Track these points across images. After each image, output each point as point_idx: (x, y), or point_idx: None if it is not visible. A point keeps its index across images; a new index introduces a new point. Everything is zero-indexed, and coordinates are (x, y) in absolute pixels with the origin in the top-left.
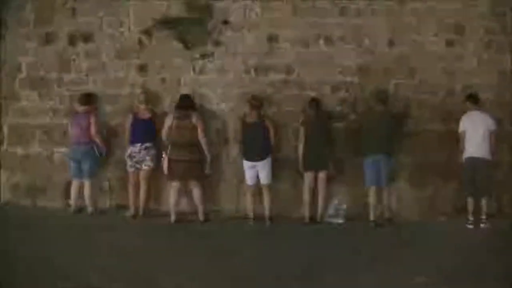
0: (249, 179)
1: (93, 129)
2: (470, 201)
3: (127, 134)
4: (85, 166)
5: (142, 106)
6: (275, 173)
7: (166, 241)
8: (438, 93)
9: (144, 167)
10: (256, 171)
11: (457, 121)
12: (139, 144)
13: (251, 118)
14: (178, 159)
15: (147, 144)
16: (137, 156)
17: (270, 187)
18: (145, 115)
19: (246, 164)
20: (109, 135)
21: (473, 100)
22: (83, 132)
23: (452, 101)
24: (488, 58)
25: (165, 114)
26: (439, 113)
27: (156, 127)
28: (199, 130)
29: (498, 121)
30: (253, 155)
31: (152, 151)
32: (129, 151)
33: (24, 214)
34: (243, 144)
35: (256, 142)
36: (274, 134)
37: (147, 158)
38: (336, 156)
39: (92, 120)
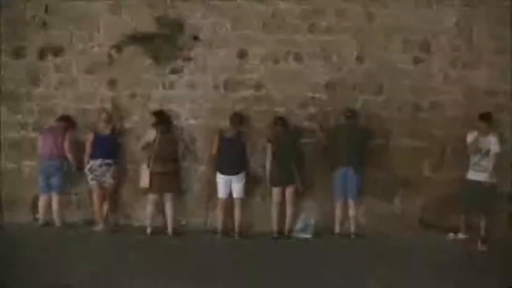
0: (222, 192)
1: (66, 145)
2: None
3: (87, 150)
4: (55, 181)
5: (102, 124)
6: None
7: (135, 256)
8: (405, 109)
9: (105, 184)
10: (230, 185)
11: (425, 136)
12: (100, 160)
13: (229, 133)
14: (162, 172)
15: (108, 161)
16: (98, 170)
17: (242, 201)
18: (105, 131)
19: (221, 177)
20: (79, 150)
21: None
22: (56, 147)
23: (419, 117)
24: (455, 74)
25: (133, 129)
26: (407, 129)
27: (116, 143)
28: (179, 144)
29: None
30: (228, 169)
31: (113, 168)
32: (89, 165)
33: None
34: (219, 158)
35: (233, 157)
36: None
37: (107, 175)
38: (304, 171)
39: (68, 135)
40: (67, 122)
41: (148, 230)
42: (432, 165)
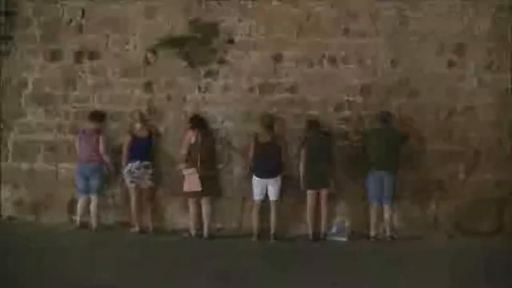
0: (257, 194)
1: (102, 148)
2: None
3: (125, 152)
4: (94, 183)
5: (139, 125)
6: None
7: (171, 259)
8: (439, 112)
9: (144, 186)
10: (265, 187)
11: (459, 140)
12: (138, 161)
13: (264, 137)
14: (204, 176)
15: (146, 162)
16: (136, 172)
17: (277, 203)
18: (143, 133)
19: (257, 180)
20: (115, 152)
21: None
22: (92, 149)
23: (453, 120)
24: (489, 78)
25: (168, 132)
26: (441, 132)
27: (153, 145)
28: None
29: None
30: (265, 172)
31: (151, 170)
32: (128, 167)
33: (27, 230)
34: (255, 162)
35: (269, 160)
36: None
37: (146, 176)
38: (337, 174)
39: (102, 138)
40: (101, 121)
41: (192, 232)
42: (466, 168)
